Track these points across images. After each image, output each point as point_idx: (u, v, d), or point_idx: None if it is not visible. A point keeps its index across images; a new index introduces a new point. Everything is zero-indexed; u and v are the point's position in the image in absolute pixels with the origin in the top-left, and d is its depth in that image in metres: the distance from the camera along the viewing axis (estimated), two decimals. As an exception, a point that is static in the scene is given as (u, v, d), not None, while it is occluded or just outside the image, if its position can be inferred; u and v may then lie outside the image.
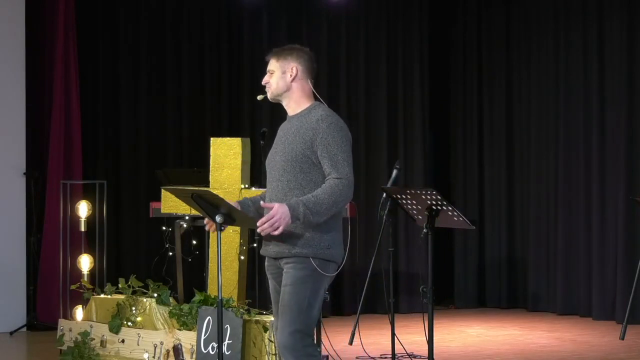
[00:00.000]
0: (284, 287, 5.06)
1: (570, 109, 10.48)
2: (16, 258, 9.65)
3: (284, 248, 5.06)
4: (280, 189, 5.09)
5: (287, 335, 4.99)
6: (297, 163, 5.05)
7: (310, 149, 5.04)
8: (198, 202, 5.23)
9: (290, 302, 5.01)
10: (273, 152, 5.23)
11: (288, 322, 5.00)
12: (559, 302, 10.50)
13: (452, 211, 5.62)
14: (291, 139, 5.12)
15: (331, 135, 5.02)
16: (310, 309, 5.02)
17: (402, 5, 11.11)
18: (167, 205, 7.68)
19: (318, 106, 5.20)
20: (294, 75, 5.22)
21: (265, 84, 5.31)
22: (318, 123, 5.06)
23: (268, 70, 5.30)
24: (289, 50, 5.31)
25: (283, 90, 5.24)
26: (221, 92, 10.76)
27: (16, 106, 9.68)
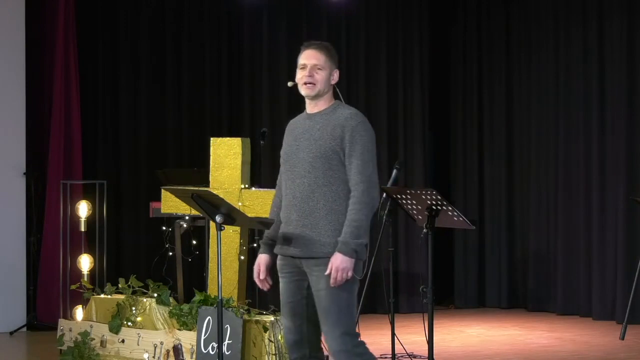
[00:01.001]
0: (318, 291, 5.01)
1: (570, 109, 10.48)
2: (16, 258, 9.65)
3: (313, 250, 5.01)
4: (307, 186, 5.03)
5: (336, 340, 4.99)
6: (325, 160, 5.01)
7: (340, 145, 5.00)
8: (198, 202, 5.23)
9: (330, 306, 4.98)
10: (294, 149, 5.13)
11: (333, 326, 4.99)
12: (559, 302, 10.50)
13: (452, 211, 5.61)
14: (318, 135, 5.05)
15: (359, 134, 5.00)
16: (350, 309, 5.03)
17: (402, 5, 11.11)
18: (167, 205, 7.68)
19: (341, 104, 5.16)
20: (335, 80, 5.17)
21: (309, 77, 5.10)
22: (347, 121, 5.02)
23: (315, 65, 5.11)
24: (334, 52, 5.21)
25: (325, 91, 5.14)
26: (221, 92, 10.76)
27: (16, 106, 9.68)
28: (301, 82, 5.14)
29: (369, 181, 4.98)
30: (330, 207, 5.00)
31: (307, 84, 5.10)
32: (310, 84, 5.10)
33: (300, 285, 5.11)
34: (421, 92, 11.11)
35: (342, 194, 5.01)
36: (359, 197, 4.96)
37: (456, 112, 11.50)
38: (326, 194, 4.99)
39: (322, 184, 5.01)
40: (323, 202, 5.00)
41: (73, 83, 9.77)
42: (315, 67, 5.10)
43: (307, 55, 5.14)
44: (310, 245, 5.01)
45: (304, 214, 5.02)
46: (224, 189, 7.35)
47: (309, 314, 5.11)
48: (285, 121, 11.53)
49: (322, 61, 5.11)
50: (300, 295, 5.11)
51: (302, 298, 5.11)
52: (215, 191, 6.59)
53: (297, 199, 5.05)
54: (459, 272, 11.31)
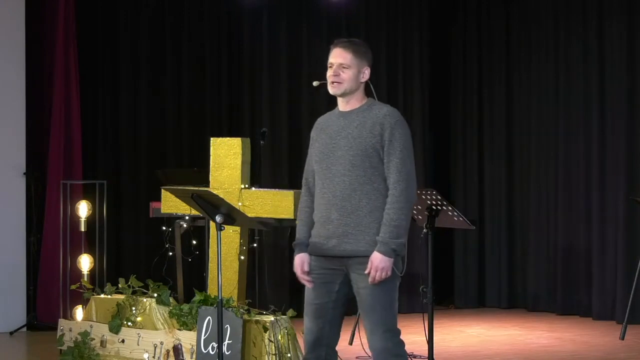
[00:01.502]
0: (362, 289, 5.02)
1: (570, 109, 10.47)
2: (16, 258, 9.65)
3: (359, 247, 5.01)
4: (349, 184, 5.02)
5: (379, 337, 5.02)
6: (366, 157, 5.01)
7: (380, 142, 5.01)
8: (198, 202, 5.24)
9: (373, 304, 5.02)
10: (330, 148, 5.10)
11: (377, 324, 5.02)
12: (559, 302, 10.50)
13: (452, 211, 5.62)
14: (356, 133, 5.04)
15: (398, 132, 5.01)
16: (392, 308, 5.11)
17: (402, 5, 11.11)
18: (167, 205, 7.68)
19: (375, 102, 5.17)
20: (366, 77, 5.16)
21: (335, 76, 5.11)
22: (386, 118, 5.03)
23: (341, 64, 5.12)
24: (364, 48, 5.20)
25: (354, 89, 5.13)
26: (221, 92, 10.75)
27: (16, 106, 9.68)
28: (329, 81, 5.16)
29: (408, 179, 5.00)
30: (373, 204, 5.00)
31: (333, 83, 5.12)
32: (336, 83, 5.11)
33: (330, 288, 5.11)
34: (421, 92, 11.11)
35: (383, 191, 5.02)
36: (397, 196, 4.97)
37: (456, 112, 11.49)
38: (368, 191, 5.00)
39: (363, 182, 5.01)
40: (366, 200, 5.01)
41: (73, 83, 9.77)
42: (341, 66, 5.11)
43: (334, 54, 5.16)
44: (354, 243, 5.01)
45: (346, 212, 5.02)
46: (224, 189, 7.35)
47: (332, 317, 5.12)
48: (285, 121, 11.61)
49: (348, 60, 5.11)
50: (327, 298, 5.11)
51: (329, 301, 5.11)
52: (215, 191, 6.59)
53: (337, 198, 5.03)
54: (459, 272, 11.31)
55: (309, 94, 10.61)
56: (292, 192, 7.24)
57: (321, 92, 10.63)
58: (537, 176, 10.85)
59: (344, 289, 5.09)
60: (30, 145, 9.81)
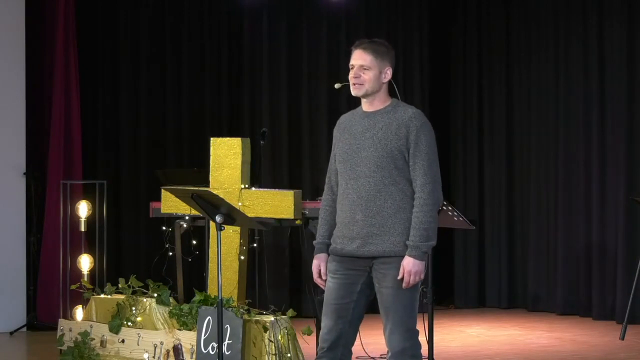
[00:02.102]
0: (385, 288, 5.01)
1: (570, 109, 10.48)
2: (16, 258, 9.65)
3: (384, 247, 5.00)
4: (373, 185, 5.00)
5: (399, 337, 5.00)
6: (391, 159, 5.00)
7: (405, 145, 5.01)
8: (198, 202, 5.24)
9: (395, 304, 5.00)
10: (354, 148, 5.09)
11: (397, 323, 5.01)
12: (559, 302, 10.50)
13: (452, 211, 5.62)
14: (382, 134, 5.03)
15: (424, 134, 5.02)
16: (414, 308, 5.05)
17: (402, 5, 11.11)
18: (167, 205, 7.68)
19: (401, 103, 5.17)
20: (388, 78, 5.14)
21: (356, 78, 5.10)
22: (411, 120, 5.03)
23: (361, 65, 5.10)
24: (385, 49, 5.16)
25: (376, 90, 5.11)
26: (221, 92, 10.76)
27: (16, 106, 9.68)
28: (350, 83, 5.16)
29: (434, 182, 5.02)
30: (398, 205, 4.99)
31: (355, 85, 5.12)
32: (358, 85, 5.11)
33: (352, 288, 5.10)
34: (421, 92, 11.11)
35: (408, 193, 5.01)
36: (425, 199, 4.98)
37: (456, 112, 11.50)
38: (393, 192, 4.99)
39: (388, 183, 5.00)
40: (390, 202, 5.00)
41: (73, 83, 9.78)
42: (361, 68, 5.10)
43: (355, 56, 5.15)
44: (379, 244, 5.00)
45: (371, 213, 5.01)
46: (224, 189, 7.35)
47: (353, 318, 5.13)
48: (286, 121, 11.59)
49: (368, 61, 5.10)
50: (349, 298, 5.11)
51: (350, 302, 5.11)
52: (215, 191, 6.59)
53: (362, 199, 5.02)
54: (459, 272, 11.31)
55: (309, 94, 10.62)
56: (292, 192, 7.25)
57: (321, 92, 10.66)
58: (537, 176, 10.85)
59: (366, 290, 5.10)
60: (30, 145, 9.81)
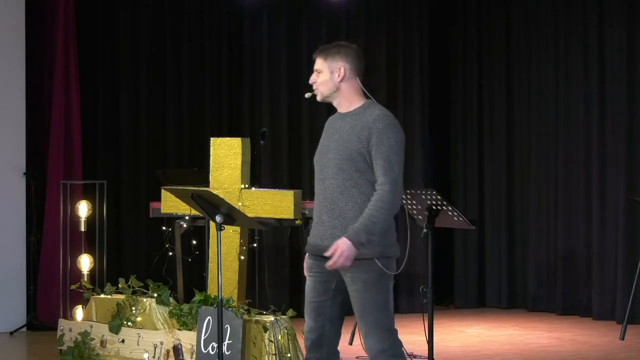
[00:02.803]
0: (354, 292, 5.00)
1: (570, 109, 10.47)
2: (16, 258, 9.65)
3: None
4: (336, 187, 5.01)
5: (375, 339, 4.97)
6: (352, 162, 4.99)
7: (366, 148, 4.97)
8: (198, 202, 5.24)
9: (367, 306, 4.98)
10: (324, 149, 5.12)
11: (372, 326, 4.98)
12: (559, 302, 10.50)
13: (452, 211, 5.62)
14: (345, 136, 5.03)
15: (386, 136, 4.96)
16: (388, 308, 5.02)
17: (402, 5, 11.11)
18: (167, 205, 7.68)
19: (373, 105, 5.13)
20: (342, 76, 5.13)
21: (312, 83, 5.18)
22: (375, 122, 4.99)
23: (315, 70, 5.16)
24: (337, 48, 5.18)
25: (332, 91, 5.13)
26: (221, 92, 10.76)
27: (16, 106, 9.68)
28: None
29: (395, 183, 4.96)
30: (359, 208, 4.98)
31: (315, 90, 5.18)
32: (316, 89, 5.17)
33: (327, 286, 5.10)
34: (421, 92, 11.11)
35: (370, 196, 4.98)
36: (382, 196, 4.95)
37: (456, 112, 11.49)
38: (354, 195, 4.98)
39: (349, 186, 5.00)
40: (352, 204, 4.99)
41: (73, 83, 9.77)
42: (315, 72, 5.16)
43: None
44: None
45: (334, 215, 5.02)
46: (224, 189, 7.35)
47: (332, 315, 5.10)
48: (285, 121, 11.61)
49: (319, 65, 5.15)
50: (326, 296, 5.10)
51: (327, 299, 5.10)
52: (215, 191, 6.59)
53: (327, 200, 5.04)
54: (459, 272, 11.31)
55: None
56: (292, 192, 7.25)
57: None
58: (537, 176, 10.85)
59: (341, 287, 5.08)
60: (30, 145, 9.81)
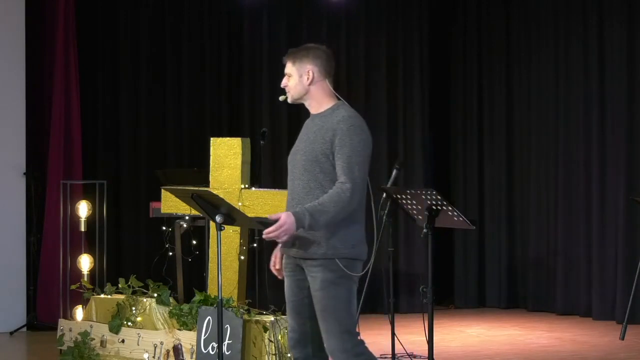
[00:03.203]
0: (315, 292, 5.01)
1: (570, 109, 10.47)
2: (16, 258, 9.65)
3: (308, 249, 5.01)
4: (301, 188, 5.04)
5: (334, 338, 4.96)
6: (317, 163, 5.01)
7: (330, 149, 4.99)
8: (198, 202, 5.23)
9: (327, 306, 4.97)
10: (295, 150, 5.16)
11: (331, 326, 4.97)
12: (559, 302, 10.50)
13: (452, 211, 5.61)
14: (312, 138, 5.06)
15: (349, 137, 4.97)
16: (349, 309, 5.01)
17: (402, 5, 11.11)
18: (167, 205, 7.68)
19: (341, 106, 5.14)
20: (310, 79, 5.14)
21: (284, 86, 5.22)
22: (339, 124, 5.00)
23: (285, 73, 5.20)
24: (305, 51, 5.20)
25: (302, 94, 5.16)
26: (221, 92, 10.76)
27: (16, 106, 9.68)
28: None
29: (354, 183, 4.96)
30: None
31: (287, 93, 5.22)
32: (287, 92, 5.22)
33: (302, 284, 5.11)
34: (421, 92, 11.11)
35: None
36: (338, 192, 4.94)
37: (456, 112, 11.49)
38: (319, 196, 4.98)
39: (314, 187, 5.02)
40: None
41: (73, 83, 9.78)
42: (286, 76, 5.20)
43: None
44: (306, 245, 5.01)
45: None
46: (224, 189, 7.35)
47: (312, 313, 5.09)
48: (285, 121, 11.59)
49: (288, 68, 5.19)
50: (302, 294, 5.12)
51: (304, 297, 5.11)
52: (215, 191, 6.59)
53: (295, 200, 5.08)
54: (459, 272, 11.30)
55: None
56: (292, 192, 7.24)
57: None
58: (537, 176, 10.85)
59: None
60: (30, 145, 9.81)
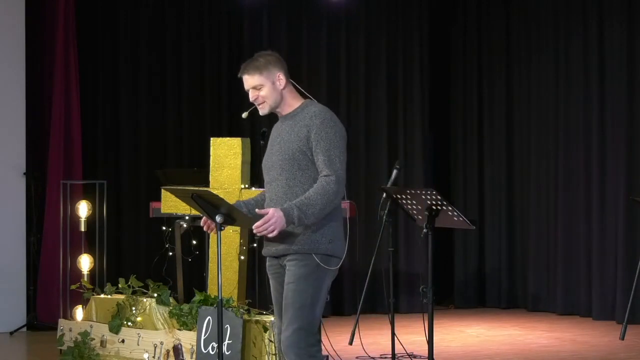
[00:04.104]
0: (286, 284, 5.01)
1: (570, 108, 10.48)
2: (16, 258, 9.65)
3: (286, 245, 5.02)
4: (281, 188, 5.05)
5: (290, 333, 4.94)
6: (294, 161, 5.02)
7: (306, 145, 5.00)
8: (198, 202, 5.23)
9: (293, 300, 4.96)
10: (269, 154, 5.18)
11: (291, 320, 4.95)
12: (559, 302, 10.50)
13: (452, 211, 5.61)
14: (286, 137, 5.07)
15: (325, 131, 4.99)
16: (313, 307, 4.98)
17: (402, 5, 11.11)
18: (167, 205, 7.68)
19: (310, 103, 5.16)
20: (283, 83, 5.13)
21: (255, 100, 5.14)
22: (312, 119, 5.02)
23: (253, 87, 5.11)
24: (264, 59, 5.14)
25: (278, 100, 5.13)
26: (221, 92, 10.76)
27: (16, 106, 9.68)
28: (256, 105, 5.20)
29: (337, 175, 4.95)
30: None
31: (260, 105, 5.15)
32: (262, 105, 5.15)
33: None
34: (421, 92, 11.11)
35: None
36: (324, 185, 4.93)
37: (456, 112, 11.50)
38: (299, 193, 4.99)
39: (293, 185, 5.02)
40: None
41: (73, 83, 9.78)
42: (254, 89, 5.13)
43: (245, 83, 5.16)
44: (285, 242, 5.01)
45: None
46: (224, 189, 7.35)
47: None
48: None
49: (256, 80, 5.11)
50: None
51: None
52: (215, 191, 6.59)
53: (273, 201, 5.08)
54: (459, 272, 11.31)
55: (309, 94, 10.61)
56: (292, 192, 7.24)
57: (320, 92, 10.65)
58: (537, 176, 10.85)
59: None
60: (30, 145, 9.81)
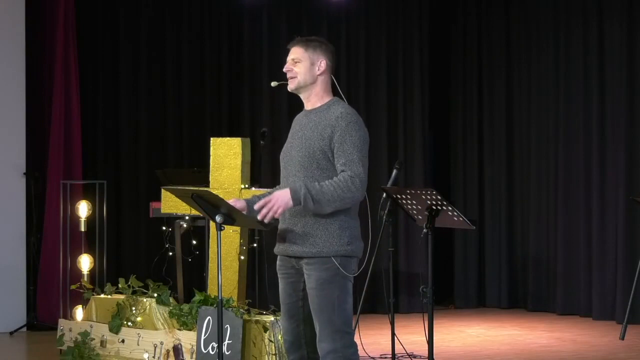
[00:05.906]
0: (310, 290, 4.96)
1: (570, 109, 10.48)
2: (16, 258, 9.65)
3: (301, 247, 4.97)
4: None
5: (326, 339, 4.90)
6: (314, 159, 4.96)
7: (328, 145, 4.95)
8: (198, 202, 5.23)
9: (321, 305, 4.92)
10: (289, 146, 5.09)
11: (324, 325, 4.91)
12: (559, 302, 10.50)
13: (452, 211, 5.61)
14: (309, 134, 5.00)
15: (349, 134, 4.93)
16: (344, 306, 4.95)
17: (402, 5, 11.11)
18: (167, 205, 7.68)
19: (338, 102, 5.08)
20: (322, 69, 5.06)
21: (288, 71, 5.08)
22: (337, 120, 4.95)
23: (293, 59, 5.06)
24: (318, 42, 5.10)
25: (309, 82, 5.05)
26: (221, 92, 10.76)
27: (16, 106, 9.68)
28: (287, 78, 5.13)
29: (359, 177, 4.93)
30: None
31: (289, 78, 5.08)
32: (291, 77, 5.08)
33: (296, 286, 5.08)
34: (421, 92, 11.11)
35: None
36: (342, 180, 4.89)
37: (456, 112, 11.50)
38: None
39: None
40: None
41: (73, 83, 9.78)
42: (293, 61, 5.07)
43: (289, 53, 5.12)
44: (302, 243, 4.97)
45: (295, 212, 4.98)
46: (224, 189, 7.35)
47: (305, 316, 5.07)
48: (285, 121, 11.63)
49: (299, 54, 5.06)
50: (296, 297, 5.08)
51: (297, 300, 5.08)
52: (215, 191, 6.59)
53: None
54: (459, 272, 11.31)
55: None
56: (292, 192, 7.23)
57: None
58: (537, 176, 10.85)
59: None
60: (30, 145, 9.81)
